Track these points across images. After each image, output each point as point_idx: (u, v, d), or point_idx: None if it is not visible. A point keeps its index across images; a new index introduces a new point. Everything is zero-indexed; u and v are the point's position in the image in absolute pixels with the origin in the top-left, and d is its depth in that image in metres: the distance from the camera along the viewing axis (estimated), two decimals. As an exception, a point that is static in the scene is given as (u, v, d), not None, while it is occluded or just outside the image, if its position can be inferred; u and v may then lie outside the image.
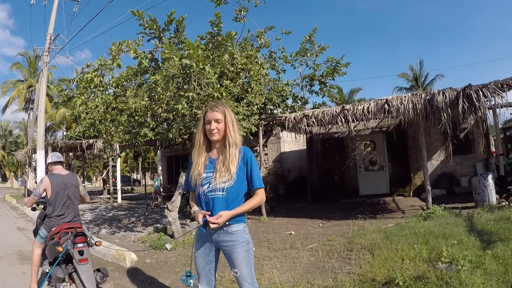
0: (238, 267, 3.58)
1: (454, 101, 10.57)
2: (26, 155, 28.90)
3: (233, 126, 3.68)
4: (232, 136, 3.64)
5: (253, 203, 3.64)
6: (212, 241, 3.68)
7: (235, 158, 3.59)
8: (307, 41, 13.20)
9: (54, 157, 6.41)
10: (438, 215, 10.18)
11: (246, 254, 3.61)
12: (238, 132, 3.74)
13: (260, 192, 3.68)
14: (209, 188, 3.61)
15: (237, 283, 3.73)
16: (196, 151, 3.79)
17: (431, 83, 47.40)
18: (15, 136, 72.22)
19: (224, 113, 3.65)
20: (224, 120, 3.64)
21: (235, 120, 3.78)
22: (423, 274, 5.55)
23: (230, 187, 3.56)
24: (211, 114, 3.65)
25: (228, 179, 3.55)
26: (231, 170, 3.55)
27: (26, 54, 50.23)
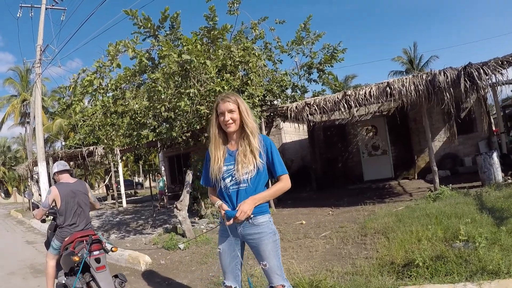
0: (267, 259, 3.49)
1: (456, 81, 10.52)
2: (27, 168, 28.86)
3: (248, 114, 3.57)
4: (249, 124, 3.53)
5: (277, 188, 3.54)
6: (238, 235, 3.59)
7: (256, 146, 3.49)
8: (303, 29, 13.12)
9: (60, 165, 6.29)
10: (446, 196, 10.15)
11: (274, 245, 3.53)
12: (254, 119, 3.64)
13: (284, 178, 3.55)
14: (232, 181, 3.53)
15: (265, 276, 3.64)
16: (213, 145, 3.67)
17: (426, 65, 47.36)
18: (14, 151, 71.96)
19: (236, 102, 3.53)
20: (238, 109, 3.52)
21: (249, 108, 3.67)
22: (442, 253, 5.52)
23: (253, 178, 3.48)
24: (224, 105, 3.53)
25: (251, 170, 3.46)
26: (254, 160, 3.46)
27: (17, 68, 50.17)
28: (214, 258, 7.99)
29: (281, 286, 3.51)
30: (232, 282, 3.72)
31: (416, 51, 49.19)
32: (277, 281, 3.51)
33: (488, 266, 4.79)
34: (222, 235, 3.74)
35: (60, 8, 25.47)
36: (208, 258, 8.08)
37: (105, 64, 8.94)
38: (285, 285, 3.53)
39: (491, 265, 4.79)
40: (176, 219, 10.91)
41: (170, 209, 17.49)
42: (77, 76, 9.68)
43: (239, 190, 3.50)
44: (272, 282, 3.54)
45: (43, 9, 23.28)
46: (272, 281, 3.53)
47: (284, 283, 3.54)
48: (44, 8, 23.33)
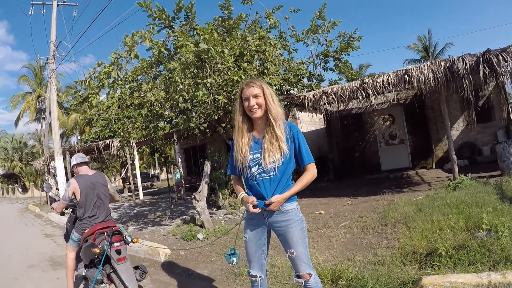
0: (294, 247, 3.46)
1: (475, 67, 10.35)
2: (44, 163, 29.04)
3: (273, 99, 3.50)
4: (274, 110, 3.46)
5: (306, 180, 3.48)
6: (265, 223, 3.56)
7: (282, 134, 3.43)
8: (318, 17, 12.93)
9: (79, 158, 6.27)
10: (466, 185, 10.05)
11: (301, 233, 3.49)
12: (280, 105, 3.56)
13: (311, 167, 3.52)
14: (258, 170, 3.48)
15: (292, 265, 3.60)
16: (237, 133, 3.61)
17: (441, 53, 46.77)
18: (30, 147, 72.80)
19: (261, 87, 3.47)
20: (263, 94, 3.46)
21: (274, 93, 3.59)
22: (464, 243, 5.47)
23: (281, 166, 3.44)
24: (248, 90, 3.47)
25: (278, 158, 3.40)
26: (281, 148, 3.40)
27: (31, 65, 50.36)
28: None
29: (308, 275, 3.48)
30: (257, 271, 3.70)
31: (431, 38, 48.52)
32: (304, 270, 3.48)
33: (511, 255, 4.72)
34: (248, 223, 3.70)
35: (72, 4, 25.49)
36: (228, 248, 8.02)
37: (122, 56, 8.91)
38: (311, 274, 3.50)
39: (515, 254, 4.72)
40: (194, 210, 10.92)
41: (187, 200, 17.56)
42: (93, 70, 9.69)
43: (265, 179, 3.47)
44: (298, 271, 3.50)
45: (55, 5, 23.37)
46: (299, 269, 3.49)
47: (311, 271, 3.51)
48: (55, 5, 23.42)
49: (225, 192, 13.15)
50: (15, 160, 67.98)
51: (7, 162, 68.56)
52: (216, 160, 13.21)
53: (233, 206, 12.72)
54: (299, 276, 3.51)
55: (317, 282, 3.54)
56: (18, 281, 8.01)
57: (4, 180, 74.50)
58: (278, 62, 11.99)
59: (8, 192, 68.39)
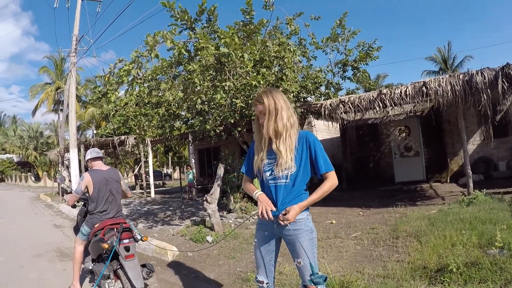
0: (302, 257, 3.43)
1: (493, 81, 10.27)
2: (59, 154, 29.29)
3: (275, 113, 3.47)
4: (272, 127, 3.47)
5: (325, 189, 3.42)
6: (275, 230, 3.55)
7: (287, 147, 3.43)
8: (338, 25, 12.88)
9: (93, 152, 6.31)
10: (480, 201, 9.93)
11: (310, 243, 3.46)
12: (285, 118, 3.50)
13: (330, 175, 3.45)
14: (271, 176, 3.50)
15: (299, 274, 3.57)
16: (257, 136, 3.69)
17: (460, 65, 46.55)
18: (46, 137, 73.54)
19: (263, 103, 3.49)
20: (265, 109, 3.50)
21: (282, 105, 3.52)
22: (476, 260, 5.42)
23: (293, 174, 3.43)
24: (255, 108, 3.59)
25: (290, 166, 3.41)
26: (289, 160, 3.40)
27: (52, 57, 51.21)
28: (242, 253, 8.01)
29: (314, 286, 3.42)
30: (264, 277, 3.68)
31: (451, 50, 48.35)
32: None
33: (524, 275, 4.69)
34: (260, 228, 3.71)
35: (96, 0, 25.69)
36: (236, 253, 8.06)
37: (143, 54, 8.95)
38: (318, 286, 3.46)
39: (528, 274, 4.68)
40: (204, 212, 10.93)
41: (199, 201, 17.56)
42: (114, 66, 9.74)
43: (278, 186, 3.47)
44: (305, 281, 3.46)
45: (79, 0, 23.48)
46: (305, 280, 3.46)
47: None
48: (80, 0, 23.54)
49: (236, 196, 13.14)
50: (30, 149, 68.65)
51: (22, 150, 69.27)
52: (230, 163, 13.22)
53: (244, 210, 12.70)
54: (306, 287, 3.49)
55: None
56: (24, 269, 8.09)
57: (18, 168, 75.10)
58: (296, 69, 11.99)
59: (21, 180, 68.95)
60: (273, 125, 3.45)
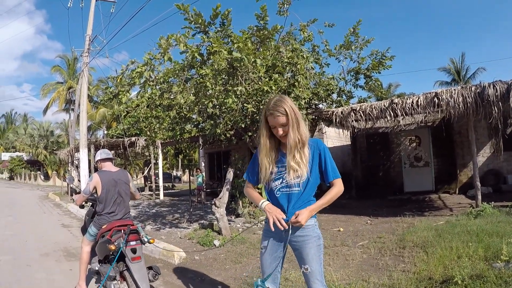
0: (309, 263, 3.43)
1: (505, 94, 10.27)
2: (69, 153, 29.42)
3: (295, 125, 3.39)
4: (294, 137, 3.38)
5: (332, 195, 3.43)
6: (283, 236, 3.51)
7: (304, 155, 3.42)
8: (352, 33, 12.88)
9: (103, 154, 6.32)
10: (488, 213, 9.95)
11: (317, 250, 3.46)
12: (304, 128, 3.46)
13: (337, 182, 3.47)
14: (282, 184, 3.48)
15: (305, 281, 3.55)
16: (262, 152, 3.57)
17: (472, 77, 46.37)
18: (56, 136, 73.93)
19: (286, 113, 3.35)
20: (288, 120, 3.37)
21: (299, 114, 3.48)
22: (482, 272, 5.42)
23: (304, 182, 3.42)
24: (275, 120, 3.40)
25: (302, 174, 3.39)
26: (302, 167, 3.38)
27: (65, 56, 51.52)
28: (249, 258, 8.02)
29: None
30: (270, 284, 3.65)
31: (464, 62, 48.15)
32: (316, 287, 3.44)
33: (527, 289, 4.69)
34: (266, 234, 3.68)
35: (110, 1, 25.88)
36: (243, 257, 8.07)
37: (156, 57, 8.99)
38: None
39: (531, 288, 4.68)
40: (213, 215, 10.94)
41: (207, 205, 17.61)
42: (126, 67, 9.78)
43: (289, 194, 3.46)
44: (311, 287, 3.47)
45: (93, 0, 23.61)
46: (311, 286, 3.45)
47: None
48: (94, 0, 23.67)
49: (245, 201, 13.16)
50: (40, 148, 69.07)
51: (32, 148, 69.69)
52: (239, 168, 13.25)
53: (252, 215, 12.72)
54: None
55: None
56: (30, 268, 8.10)
57: (28, 166, 75.42)
58: (309, 75, 12.01)
59: (30, 178, 69.31)
60: (297, 135, 3.39)
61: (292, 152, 3.40)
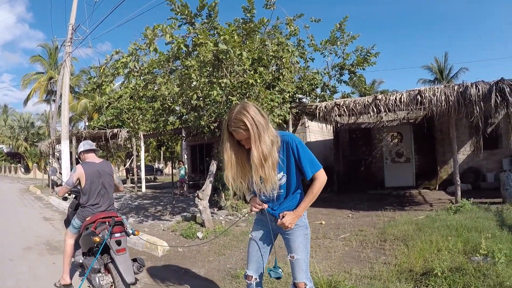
0: (295, 251, 3.48)
1: (487, 95, 10.44)
2: (50, 146, 29.04)
3: (259, 136, 3.24)
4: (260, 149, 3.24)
5: (315, 191, 3.39)
6: (273, 226, 3.56)
7: (272, 164, 3.29)
8: (338, 29, 12.95)
9: (87, 145, 6.22)
10: (467, 209, 10.07)
11: (304, 238, 3.52)
12: (270, 133, 3.31)
13: (318, 175, 3.37)
14: (261, 191, 3.47)
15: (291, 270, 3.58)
16: (230, 172, 3.50)
17: (455, 76, 46.76)
18: (37, 127, 72.98)
19: (247, 127, 3.22)
20: (249, 134, 3.25)
21: (262, 123, 3.27)
22: (461, 265, 5.54)
23: (284, 184, 3.45)
24: (237, 136, 3.32)
25: (279, 178, 3.39)
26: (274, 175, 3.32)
27: (46, 46, 50.20)
28: (232, 250, 8.06)
29: (303, 284, 3.48)
30: (254, 273, 3.69)
31: (447, 61, 48.53)
32: (301, 278, 3.47)
33: (506, 282, 4.80)
34: (257, 223, 3.74)
35: (95, -11, 25.60)
36: (227, 249, 8.11)
37: (141, 47, 8.95)
38: (307, 285, 3.50)
39: (509, 281, 4.80)
40: (195, 208, 10.95)
41: (190, 197, 17.58)
42: (110, 57, 9.73)
43: (273, 196, 3.49)
44: (295, 278, 3.49)
45: (77, -12, 23.32)
46: (296, 277, 3.49)
47: (307, 282, 3.51)
48: (78, -12, 23.38)
49: (228, 193, 13.15)
50: (21, 140, 68.15)
51: (12, 140, 68.63)
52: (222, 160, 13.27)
53: (234, 208, 12.74)
54: (295, 285, 3.51)
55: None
56: (13, 262, 8.01)
57: (8, 159, 74.55)
58: (294, 69, 12.05)
59: (10, 171, 68.48)
60: (260, 150, 3.25)
61: (258, 169, 3.29)
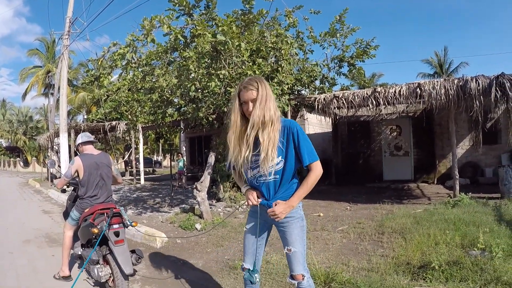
0: (292, 244, 3.42)
1: (487, 89, 10.44)
2: (48, 139, 29.01)
3: (265, 100, 3.30)
4: (262, 112, 3.27)
5: (310, 182, 3.32)
6: (267, 218, 3.47)
7: (273, 139, 3.28)
8: (337, 21, 12.80)
9: (85, 137, 6.22)
10: (465, 203, 10.08)
11: (300, 231, 3.46)
12: (273, 109, 3.34)
13: (314, 166, 3.32)
14: (259, 173, 3.42)
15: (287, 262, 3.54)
16: (234, 134, 3.46)
17: (455, 71, 46.67)
18: (35, 121, 73.14)
19: (258, 89, 3.29)
20: (257, 95, 3.30)
21: (271, 95, 3.39)
22: (458, 259, 5.55)
23: (280, 170, 3.37)
24: (246, 94, 3.32)
25: (276, 163, 3.32)
26: (274, 153, 3.28)
27: (43, 39, 50.21)
28: (231, 241, 8.07)
29: (301, 276, 3.45)
30: (250, 265, 3.66)
31: (447, 55, 48.44)
32: (298, 270, 3.44)
33: (503, 276, 4.81)
34: (252, 215, 3.68)
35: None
36: (225, 241, 8.12)
37: (139, 38, 8.89)
38: (305, 276, 3.47)
39: (506, 276, 4.81)
40: (194, 199, 10.95)
41: (188, 189, 17.59)
42: (108, 49, 9.67)
43: (267, 182, 3.42)
44: (293, 270, 3.47)
45: (74, -19, 23.15)
46: (293, 269, 3.46)
47: (304, 273, 3.47)
48: (75, -20, 23.21)
49: (226, 185, 13.17)
50: (19, 134, 68.26)
51: (11, 134, 68.81)
52: (221, 152, 13.24)
53: (233, 199, 12.75)
54: (293, 277, 3.48)
55: (310, 285, 3.51)
56: (13, 255, 8.01)
57: (7, 153, 74.62)
58: (293, 61, 11.99)
59: (9, 165, 68.55)
60: (262, 113, 3.28)
61: (254, 129, 3.30)
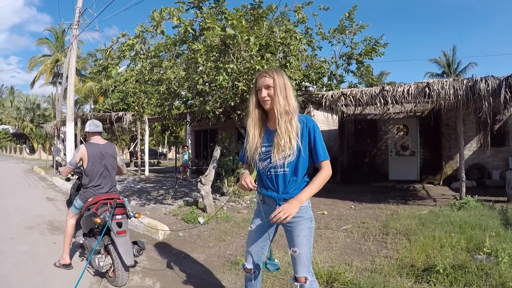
0: (298, 246, 3.31)
1: (496, 90, 10.34)
2: (55, 127, 29.14)
3: (283, 92, 3.26)
4: (281, 103, 3.24)
5: (321, 179, 3.24)
6: None
7: (291, 129, 3.22)
8: (347, 18, 12.75)
9: (92, 126, 6.13)
10: (471, 206, 10.02)
11: (308, 232, 3.34)
12: (293, 99, 3.32)
13: (325, 165, 3.27)
14: (270, 164, 3.34)
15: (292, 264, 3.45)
16: (251, 122, 3.43)
17: (463, 71, 46.48)
18: (42, 109, 73.52)
19: (273, 77, 3.26)
20: (274, 83, 3.26)
21: (290, 85, 3.36)
22: (463, 263, 5.46)
23: (291, 162, 3.28)
24: (261, 80, 3.29)
25: (289, 154, 3.24)
26: (290, 144, 3.21)
27: (53, 29, 50.52)
28: (233, 236, 8.03)
29: (304, 279, 3.35)
30: (252, 266, 3.60)
31: (455, 55, 48.21)
32: (302, 272, 3.35)
33: (508, 282, 4.73)
34: (258, 214, 3.59)
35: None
36: (227, 236, 8.09)
37: (148, 30, 8.86)
38: (308, 279, 3.36)
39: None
40: (197, 193, 10.93)
41: (192, 182, 17.57)
42: (116, 40, 9.64)
43: (278, 175, 3.33)
44: (297, 272, 3.37)
45: (85, -28, 23.18)
46: (297, 271, 3.37)
47: (308, 276, 3.37)
48: (86, -29, 23.25)
49: (230, 180, 13.14)
50: (26, 121, 68.61)
51: (18, 121, 69.18)
52: (226, 147, 13.21)
53: (237, 194, 12.71)
54: (296, 279, 3.40)
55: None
56: (14, 240, 8.01)
57: (13, 139, 74.91)
58: (301, 57, 11.92)
59: (15, 152, 68.81)
60: (283, 102, 3.24)
61: (282, 120, 3.23)
